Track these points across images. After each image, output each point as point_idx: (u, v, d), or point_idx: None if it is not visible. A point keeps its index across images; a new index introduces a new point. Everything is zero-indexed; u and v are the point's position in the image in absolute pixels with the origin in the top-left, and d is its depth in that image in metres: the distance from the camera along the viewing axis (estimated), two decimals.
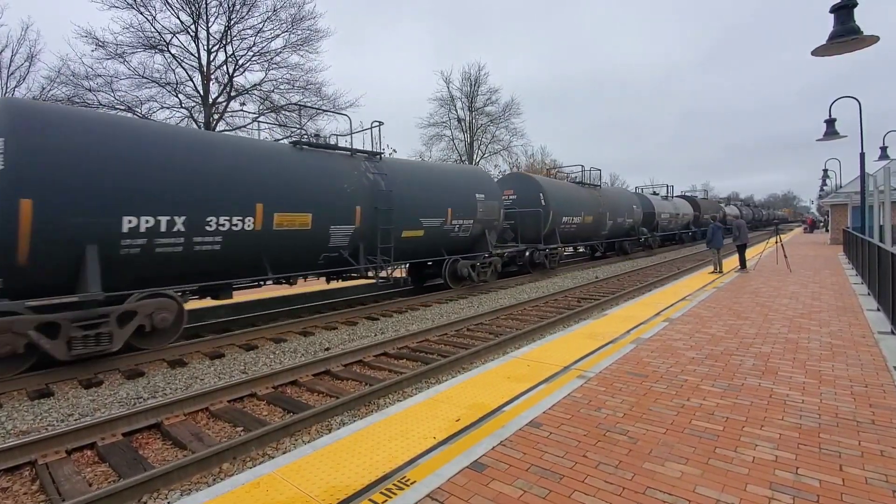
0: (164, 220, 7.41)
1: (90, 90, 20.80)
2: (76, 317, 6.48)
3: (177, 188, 7.59)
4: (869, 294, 8.97)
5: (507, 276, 16.29)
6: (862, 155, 14.75)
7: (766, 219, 74.80)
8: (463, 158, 40.05)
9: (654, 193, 33.26)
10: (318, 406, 5.32)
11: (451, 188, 12.99)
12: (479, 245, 14.09)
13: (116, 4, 20.81)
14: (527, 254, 16.80)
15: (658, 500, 2.66)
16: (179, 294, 7.86)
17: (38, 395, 6.04)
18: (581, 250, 25.84)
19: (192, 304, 8.88)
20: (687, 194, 40.95)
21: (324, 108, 25.62)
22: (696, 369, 4.90)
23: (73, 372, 6.72)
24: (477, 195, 13.61)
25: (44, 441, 4.38)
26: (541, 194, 17.36)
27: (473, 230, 13.55)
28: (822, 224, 44.99)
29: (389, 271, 11.38)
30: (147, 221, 7.24)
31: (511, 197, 17.58)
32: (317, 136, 11.56)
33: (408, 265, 13.25)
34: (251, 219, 8.47)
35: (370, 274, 10.99)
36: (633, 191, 30.89)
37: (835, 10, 7.02)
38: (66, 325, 6.40)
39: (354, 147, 11.30)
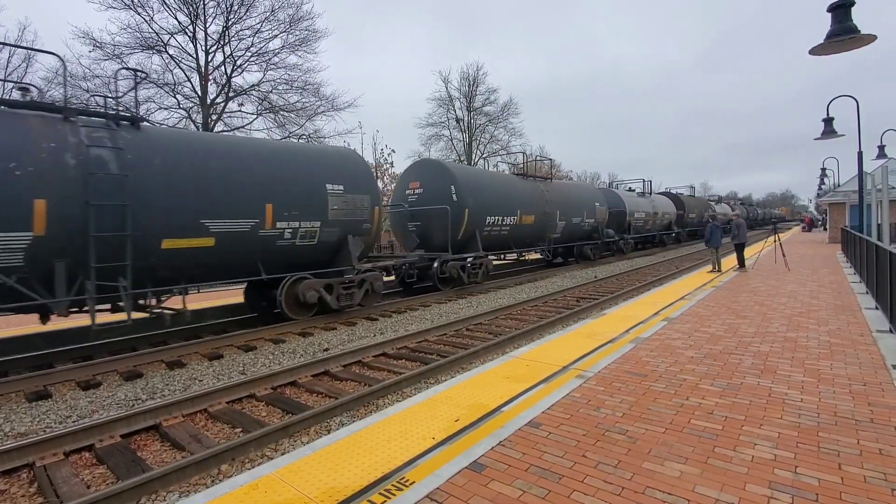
0: None
1: (87, 91, 20.76)
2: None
3: None
4: (867, 293, 8.98)
5: (494, 278, 15.48)
6: (860, 154, 14.77)
7: (763, 218, 72.98)
8: (462, 158, 40.06)
9: (630, 189, 30.45)
10: (316, 407, 5.31)
11: (276, 175, 9.03)
12: (340, 258, 10.27)
13: (114, 5, 20.81)
14: (434, 265, 13.11)
15: (657, 499, 2.66)
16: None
17: (36, 396, 6.02)
18: (536, 257, 19.98)
19: (193, 305, 8.79)
20: (671, 191, 36.47)
21: (322, 108, 25.63)
22: (695, 368, 4.90)
23: (71, 373, 6.71)
24: (329, 186, 9.82)
25: (42, 443, 4.37)
26: (452, 187, 13.53)
27: (323, 236, 9.74)
28: (820, 223, 45.06)
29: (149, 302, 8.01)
30: None
31: (417, 191, 14.17)
32: (308, 137, 11.43)
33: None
34: None
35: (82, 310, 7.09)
36: (604, 186, 27.76)
37: (832, 9, 7.03)
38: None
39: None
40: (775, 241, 15.59)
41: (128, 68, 10.24)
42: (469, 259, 13.88)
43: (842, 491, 2.71)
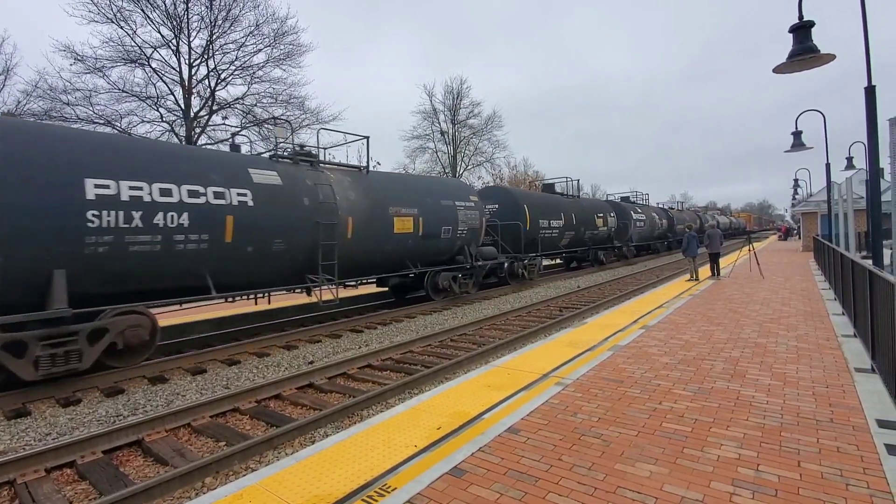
0: None
1: (68, 104, 20.58)
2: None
3: None
4: (835, 299, 9.34)
5: (486, 288, 16.27)
6: (827, 165, 15.39)
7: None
8: (446, 170, 40.41)
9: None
10: (301, 419, 5.35)
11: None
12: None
13: (96, 19, 20.74)
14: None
15: (628, 498, 2.79)
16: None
17: (15, 414, 5.94)
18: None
19: (176, 320, 8.81)
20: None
21: (306, 121, 25.74)
22: (668, 374, 5.08)
23: (50, 391, 6.62)
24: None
25: (22, 460, 4.34)
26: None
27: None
28: (795, 232, 46.37)
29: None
30: None
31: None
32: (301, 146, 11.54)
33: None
34: None
35: None
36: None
37: (793, 30, 7.43)
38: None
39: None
40: (750, 251, 16.06)
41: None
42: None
43: (800, 487, 2.88)
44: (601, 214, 24.39)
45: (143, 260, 7.45)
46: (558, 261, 25.29)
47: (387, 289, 14.65)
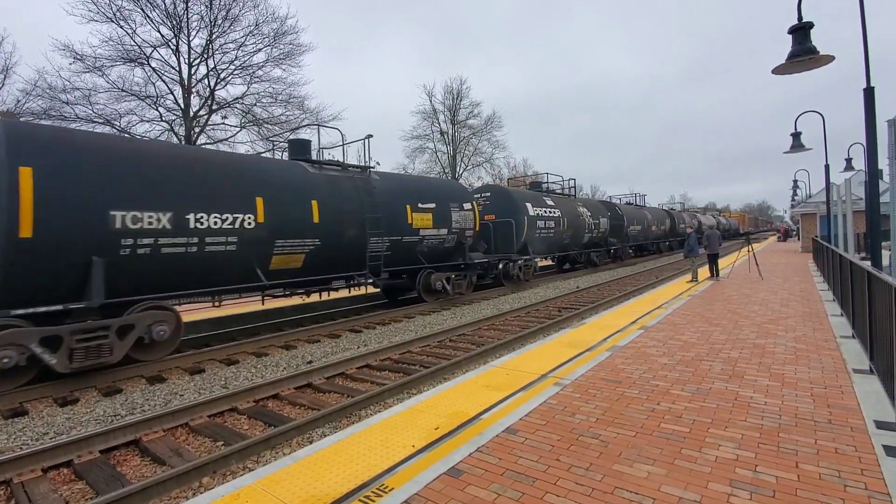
0: None
1: (67, 103, 20.57)
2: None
3: None
4: (834, 300, 9.35)
5: (480, 290, 16.02)
6: (826, 167, 15.40)
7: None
8: (446, 171, 40.41)
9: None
10: (299, 419, 5.34)
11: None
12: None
13: (96, 18, 20.74)
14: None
15: (625, 499, 2.79)
16: None
17: (12, 413, 5.93)
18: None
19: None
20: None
21: (306, 121, 25.74)
22: (667, 374, 5.08)
23: (48, 390, 6.61)
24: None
25: (19, 460, 4.32)
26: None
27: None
28: (794, 233, 46.40)
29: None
30: None
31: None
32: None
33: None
34: None
35: None
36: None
37: (793, 31, 7.44)
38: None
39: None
40: (749, 252, 16.07)
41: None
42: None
43: (798, 488, 2.88)
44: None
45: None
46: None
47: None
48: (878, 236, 7.39)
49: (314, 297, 11.96)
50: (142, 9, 21.42)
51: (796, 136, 14.60)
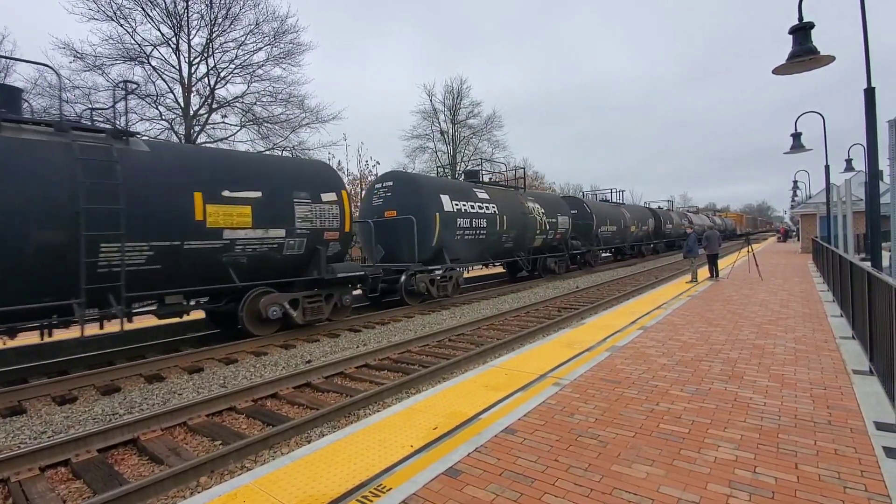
0: None
1: (67, 102, 20.54)
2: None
3: None
4: (834, 301, 9.33)
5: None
6: (826, 167, 15.39)
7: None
8: (446, 170, 40.39)
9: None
10: (297, 418, 5.33)
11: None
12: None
13: (96, 16, 20.73)
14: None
15: (623, 499, 2.78)
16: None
17: (10, 412, 5.92)
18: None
19: (173, 318, 8.82)
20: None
21: (306, 120, 25.72)
22: (666, 375, 5.07)
23: (46, 388, 6.60)
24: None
25: (16, 458, 4.31)
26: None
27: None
28: (794, 233, 46.39)
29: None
30: None
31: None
32: (293, 148, 11.45)
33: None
34: None
35: None
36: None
37: (793, 31, 7.43)
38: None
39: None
40: (749, 252, 16.06)
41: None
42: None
43: (797, 489, 2.86)
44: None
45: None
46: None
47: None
48: (878, 237, 7.38)
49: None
50: (142, 7, 21.43)
51: (796, 136, 14.59)
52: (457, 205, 14.37)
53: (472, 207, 15.00)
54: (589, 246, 23.16)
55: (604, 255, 27.71)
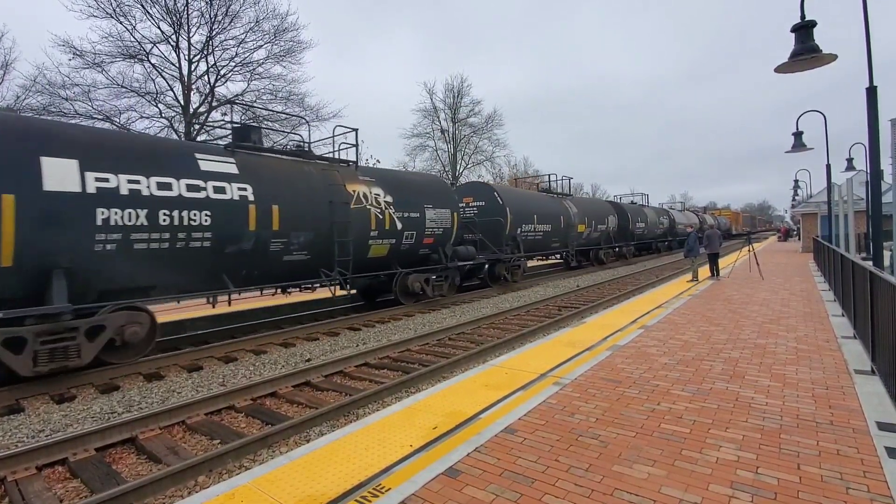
0: None
1: (66, 99, 20.51)
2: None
3: None
4: (835, 300, 9.31)
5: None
6: (828, 166, 15.35)
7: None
8: (446, 169, 40.36)
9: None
10: (296, 417, 5.31)
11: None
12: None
13: (95, 14, 20.68)
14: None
15: (625, 500, 2.75)
16: None
17: (8, 410, 5.89)
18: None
19: (173, 316, 8.80)
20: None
21: (306, 118, 25.64)
22: (667, 374, 5.04)
23: (45, 387, 6.58)
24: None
25: (13, 458, 4.29)
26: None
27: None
28: (795, 233, 46.33)
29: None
30: None
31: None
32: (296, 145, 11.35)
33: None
34: None
35: None
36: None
37: (795, 29, 7.38)
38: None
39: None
40: (750, 251, 16.03)
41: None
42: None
43: (799, 490, 2.84)
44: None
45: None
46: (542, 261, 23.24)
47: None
48: (880, 236, 7.34)
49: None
50: (142, 5, 21.37)
51: (798, 135, 14.54)
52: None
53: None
54: (503, 253, 16.21)
55: (536, 262, 23.79)
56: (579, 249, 22.82)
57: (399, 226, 11.92)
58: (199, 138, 23.51)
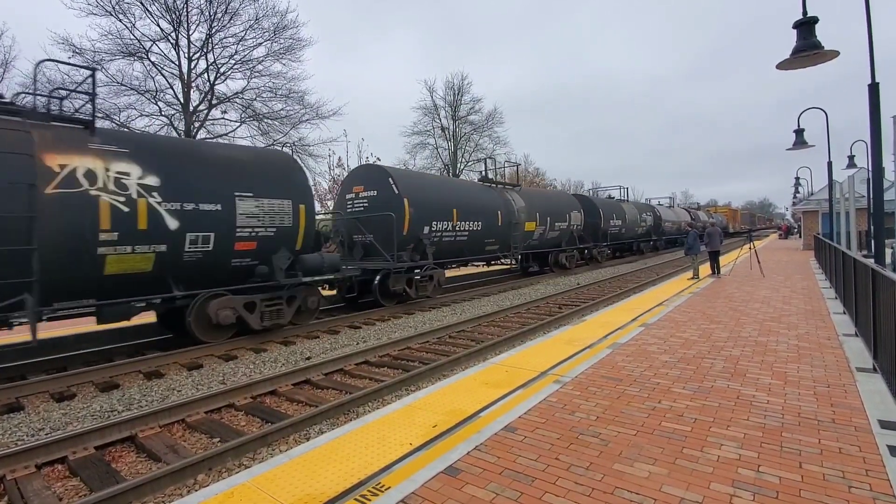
0: None
1: (66, 98, 20.43)
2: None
3: None
4: (836, 298, 9.28)
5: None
6: (829, 164, 15.30)
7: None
8: (447, 167, 40.29)
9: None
10: (296, 416, 5.29)
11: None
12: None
13: (95, 11, 20.57)
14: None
15: (625, 499, 2.74)
16: None
17: (8, 409, 5.89)
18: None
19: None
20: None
21: (306, 116, 25.61)
22: (668, 372, 5.02)
23: (45, 385, 6.57)
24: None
25: (13, 456, 4.28)
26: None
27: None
28: (796, 230, 46.26)
29: None
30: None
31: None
32: (293, 144, 11.29)
33: None
34: None
35: None
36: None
37: (797, 25, 7.34)
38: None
39: None
40: (751, 249, 16.00)
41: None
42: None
43: (801, 488, 2.82)
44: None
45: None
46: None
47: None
48: (881, 233, 7.31)
49: None
50: (141, 2, 21.27)
51: (799, 132, 14.48)
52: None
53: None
54: (396, 261, 12.17)
55: (482, 268, 20.15)
56: (531, 253, 18.74)
57: (172, 224, 7.75)
58: (198, 136, 23.49)
